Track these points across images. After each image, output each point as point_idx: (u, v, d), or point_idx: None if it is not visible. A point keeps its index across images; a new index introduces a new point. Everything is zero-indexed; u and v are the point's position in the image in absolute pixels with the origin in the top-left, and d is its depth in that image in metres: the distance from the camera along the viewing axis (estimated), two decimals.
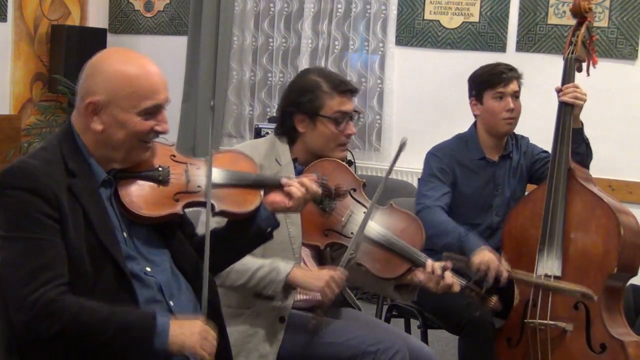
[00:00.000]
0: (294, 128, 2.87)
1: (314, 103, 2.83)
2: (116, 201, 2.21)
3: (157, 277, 2.20)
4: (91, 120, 2.16)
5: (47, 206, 2.04)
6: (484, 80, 3.59)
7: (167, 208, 2.24)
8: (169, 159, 2.32)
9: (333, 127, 2.84)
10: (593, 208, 3.25)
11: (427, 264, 2.80)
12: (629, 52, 5.08)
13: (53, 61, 6.04)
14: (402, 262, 2.81)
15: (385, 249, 2.81)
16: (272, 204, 2.42)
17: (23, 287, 1.99)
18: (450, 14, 5.58)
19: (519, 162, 3.66)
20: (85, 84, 2.18)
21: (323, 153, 2.88)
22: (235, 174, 2.38)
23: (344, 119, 2.85)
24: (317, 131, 2.85)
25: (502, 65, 3.62)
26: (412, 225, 2.89)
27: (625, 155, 5.04)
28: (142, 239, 2.24)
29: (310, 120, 2.84)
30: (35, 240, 2.03)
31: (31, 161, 2.12)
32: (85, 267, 2.07)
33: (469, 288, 2.96)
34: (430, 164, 3.63)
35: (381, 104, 5.75)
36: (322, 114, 2.83)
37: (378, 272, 2.81)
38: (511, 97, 3.53)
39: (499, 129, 3.58)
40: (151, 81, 2.19)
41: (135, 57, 2.23)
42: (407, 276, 2.83)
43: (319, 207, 2.78)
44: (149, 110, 2.18)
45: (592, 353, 3.16)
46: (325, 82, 2.85)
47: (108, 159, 2.21)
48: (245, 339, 2.75)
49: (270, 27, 6.09)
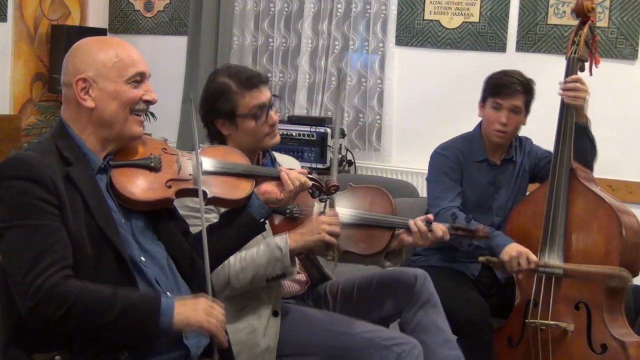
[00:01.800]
0: (219, 132, 2.90)
1: (227, 105, 2.85)
2: (111, 189, 2.24)
3: (151, 269, 2.22)
4: (83, 99, 2.22)
5: (46, 192, 2.07)
6: (490, 86, 3.58)
7: (159, 193, 2.27)
8: (161, 150, 2.37)
9: (253, 123, 2.86)
10: (595, 208, 3.25)
11: (409, 224, 2.87)
12: (629, 52, 5.07)
13: (53, 61, 6.02)
14: (383, 233, 2.87)
15: (363, 227, 2.86)
16: (265, 193, 2.46)
17: (26, 274, 2.01)
18: (450, 14, 5.57)
19: (522, 164, 3.66)
20: (71, 68, 2.25)
21: (254, 147, 2.90)
22: (226, 163, 2.44)
23: (262, 111, 2.87)
24: (240, 130, 2.87)
25: (515, 76, 3.56)
26: (377, 195, 2.96)
27: (625, 155, 5.03)
28: (138, 229, 2.27)
29: (231, 122, 2.87)
30: (35, 227, 2.05)
31: (26, 152, 2.18)
32: (86, 251, 2.10)
33: (454, 228, 2.99)
34: (438, 163, 3.62)
35: (381, 104, 5.75)
36: (238, 113, 2.85)
37: (365, 251, 2.87)
38: (508, 111, 3.51)
39: (490, 138, 3.58)
40: (130, 53, 2.29)
41: (111, 38, 2.40)
42: (393, 243, 2.90)
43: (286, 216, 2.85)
44: (135, 78, 2.26)
45: (593, 353, 3.17)
46: (233, 82, 2.86)
47: (103, 141, 2.26)
48: (246, 337, 2.77)
49: (270, 27, 6.08)
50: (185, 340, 2.21)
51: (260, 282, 2.76)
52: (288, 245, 2.73)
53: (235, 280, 2.73)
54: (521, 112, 3.55)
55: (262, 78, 2.92)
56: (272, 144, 2.95)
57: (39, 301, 2.00)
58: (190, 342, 2.22)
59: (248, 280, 2.74)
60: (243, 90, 2.85)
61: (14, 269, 2.04)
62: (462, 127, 3.82)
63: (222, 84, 2.88)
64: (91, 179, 2.20)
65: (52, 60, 6.06)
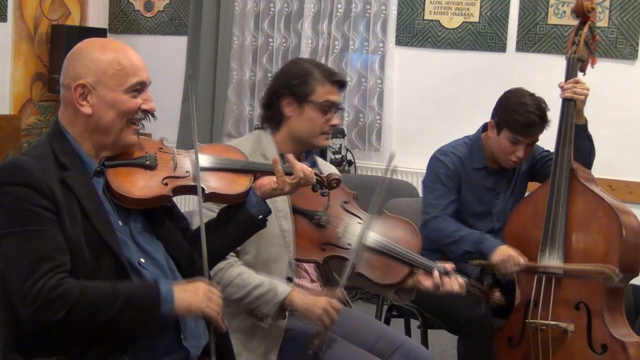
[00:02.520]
0: (280, 112, 2.88)
1: (304, 87, 2.84)
2: (108, 190, 2.23)
3: (150, 271, 2.21)
4: (81, 105, 2.19)
5: (43, 198, 2.06)
6: (511, 121, 3.41)
7: (156, 190, 2.26)
8: (157, 149, 2.36)
9: (320, 114, 2.85)
10: (595, 208, 3.25)
11: (434, 274, 2.78)
12: (629, 52, 5.08)
13: (53, 61, 6.04)
14: (402, 267, 2.81)
15: (384, 256, 2.80)
16: (261, 187, 2.44)
17: (25, 280, 2.00)
18: (450, 14, 5.58)
19: (521, 167, 3.64)
20: (71, 71, 2.22)
21: (306, 139, 2.89)
22: (223, 159, 2.42)
23: (331, 108, 2.86)
24: (304, 116, 2.86)
25: (535, 112, 3.39)
26: (408, 230, 2.90)
27: (625, 155, 5.04)
28: (137, 230, 2.26)
29: (299, 104, 2.85)
30: (33, 232, 2.04)
31: (22, 157, 2.15)
32: (84, 256, 2.09)
33: (471, 285, 2.95)
34: (436, 169, 3.60)
35: (381, 104, 5.75)
36: (310, 99, 2.84)
37: (379, 279, 2.81)
38: (526, 146, 3.45)
39: (502, 164, 3.54)
40: (133, 61, 2.24)
41: (113, 42, 2.31)
42: (408, 280, 2.83)
43: (312, 222, 2.80)
44: (135, 87, 2.23)
45: (593, 353, 3.17)
46: (317, 69, 2.87)
47: (99, 147, 2.24)
48: (248, 337, 2.75)
49: (270, 27, 6.09)
50: (184, 341, 2.21)
51: (242, 307, 2.73)
52: (285, 298, 2.68)
53: (223, 289, 2.65)
54: (535, 144, 3.53)
55: (344, 82, 2.94)
56: (321, 145, 2.94)
57: (40, 305, 1.99)
58: (190, 343, 2.22)
59: (233, 298, 2.70)
60: (324, 80, 2.85)
61: (12, 275, 2.03)
62: (462, 126, 3.82)
63: (306, 68, 2.87)
64: (87, 183, 2.19)
65: (52, 60, 6.07)
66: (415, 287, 2.85)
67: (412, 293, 2.91)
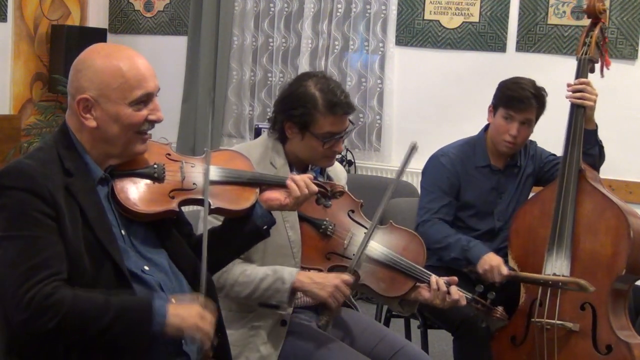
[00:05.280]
0: (283, 131, 2.86)
1: (305, 118, 2.78)
2: (113, 199, 2.21)
3: (155, 276, 2.20)
4: (84, 118, 2.16)
5: (44, 205, 2.04)
6: (504, 97, 3.50)
7: (162, 205, 2.23)
8: (164, 157, 2.32)
9: (319, 144, 2.80)
10: (603, 209, 3.25)
11: (431, 280, 2.82)
12: (629, 52, 5.10)
13: (53, 61, 6.03)
14: (406, 280, 2.82)
15: (389, 268, 2.81)
16: (267, 201, 2.43)
17: (20, 286, 1.98)
18: (450, 14, 5.59)
19: (526, 168, 3.65)
20: (75, 82, 2.18)
21: (308, 162, 2.88)
22: (231, 171, 2.39)
23: (332, 138, 2.80)
24: (304, 143, 2.81)
25: (529, 89, 3.47)
26: (414, 243, 2.90)
27: (625, 155, 5.05)
28: (139, 238, 2.24)
29: (300, 131, 2.81)
30: (32, 238, 2.02)
31: (27, 161, 2.12)
32: (84, 265, 2.07)
33: (474, 300, 2.98)
34: (434, 172, 3.60)
35: (381, 104, 5.77)
36: (311, 130, 2.79)
37: (383, 292, 2.82)
38: (519, 124, 3.47)
39: (498, 147, 3.55)
40: (139, 71, 2.18)
41: (121, 49, 2.23)
42: (411, 293, 2.85)
43: (319, 231, 2.80)
44: (141, 100, 2.18)
45: (598, 354, 3.16)
46: (322, 99, 2.77)
47: (105, 156, 2.21)
48: (247, 340, 2.75)
49: (270, 27, 6.09)
50: (184, 346, 2.20)
51: (253, 302, 2.74)
52: (293, 282, 2.69)
53: (230, 289, 2.70)
54: (532, 124, 3.54)
55: (349, 110, 2.83)
56: (324, 166, 2.92)
57: (31, 313, 1.97)
58: (190, 348, 2.20)
59: (242, 296, 2.71)
60: (326, 112, 2.77)
61: (7, 281, 2.01)
62: (462, 126, 3.82)
63: (311, 95, 2.78)
64: (91, 190, 2.16)
65: (52, 60, 6.06)
66: (418, 300, 2.88)
67: (415, 305, 2.94)
